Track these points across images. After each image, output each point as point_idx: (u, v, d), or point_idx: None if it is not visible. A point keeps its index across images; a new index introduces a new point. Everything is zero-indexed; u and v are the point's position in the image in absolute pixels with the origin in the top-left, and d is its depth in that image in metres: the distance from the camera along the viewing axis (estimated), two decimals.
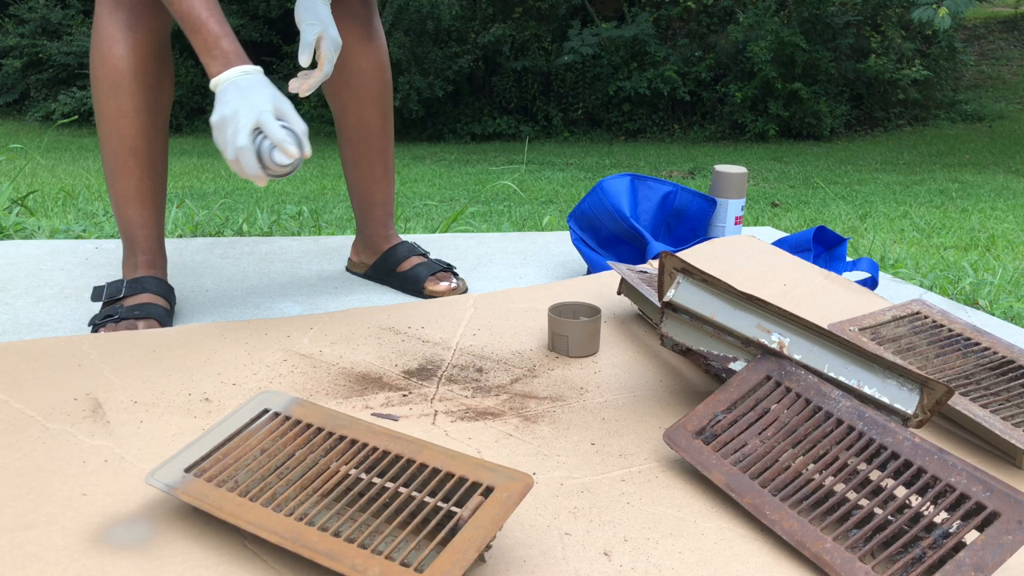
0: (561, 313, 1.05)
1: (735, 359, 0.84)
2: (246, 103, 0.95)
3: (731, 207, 1.52)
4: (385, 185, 1.38)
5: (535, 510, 0.70)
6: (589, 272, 1.49)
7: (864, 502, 0.68)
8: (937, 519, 0.65)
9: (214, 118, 0.96)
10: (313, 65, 1.20)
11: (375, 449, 0.67)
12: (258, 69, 0.99)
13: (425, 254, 1.39)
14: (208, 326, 1.04)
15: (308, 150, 0.96)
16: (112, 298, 1.12)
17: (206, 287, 1.33)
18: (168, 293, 1.17)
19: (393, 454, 0.66)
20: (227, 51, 0.97)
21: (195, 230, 1.95)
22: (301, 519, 0.61)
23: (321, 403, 0.86)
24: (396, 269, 1.36)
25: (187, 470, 0.66)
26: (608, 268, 1.39)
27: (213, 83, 0.97)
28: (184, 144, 7.63)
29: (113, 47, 1.09)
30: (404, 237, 1.51)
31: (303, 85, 1.12)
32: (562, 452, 0.80)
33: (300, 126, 0.96)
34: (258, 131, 0.94)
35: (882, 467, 0.69)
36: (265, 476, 0.66)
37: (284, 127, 0.95)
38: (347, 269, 1.46)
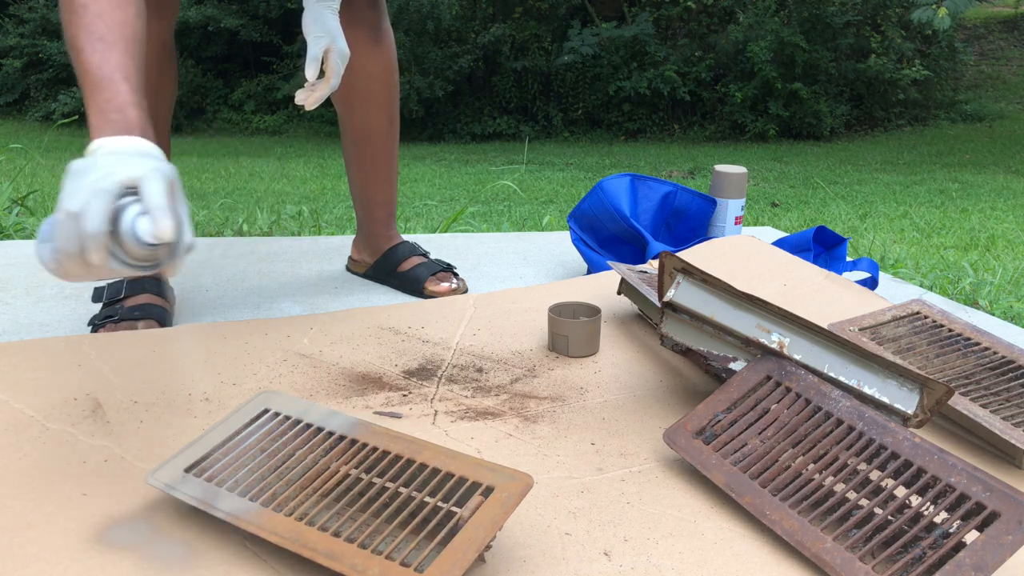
0: (561, 313, 1.05)
1: (735, 359, 0.84)
2: (123, 163, 0.68)
3: (731, 207, 1.52)
4: (388, 186, 1.38)
5: (535, 510, 0.70)
6: (589, 272, 1.49)
7: (864, 502, 0.68)
8: (937, 519, 0.65)
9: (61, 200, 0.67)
10: (320, 75, 1.19)
11: (375, 449, 0.67)
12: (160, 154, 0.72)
13: (425, 254, 1.39)
14: (208, 326, 1.04)
15: (190, 237, 0.69)
16: (112, 299, 1.12)
17: (206, 287, 1.33)
18: (168, 293, 1.17)
19: (393, 454, 0.66)
20: (131, 119, 0.73)
21: (195, 230, 1.95)
22: (301, 519, 0.61)
23: (321, 403, 0.86)
24: (396, 269, 1.36)
25: (187, 470, 0.66)
26: (608, 268, 1.39)
27: (94, 145, 0.71)
28: (184, 144, 7.63)
29: None
30: (404, 237, 1.51)
31: (309, 97, 1.12)
32: (562, 452, 0.80)
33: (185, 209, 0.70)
34: (130, 194, 0.67)
35: (882, 467, 0.69)
36: (265, 476, 0.66)
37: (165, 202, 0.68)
38: (347, 268, 1.46)
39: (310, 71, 1.09)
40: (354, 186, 1.39)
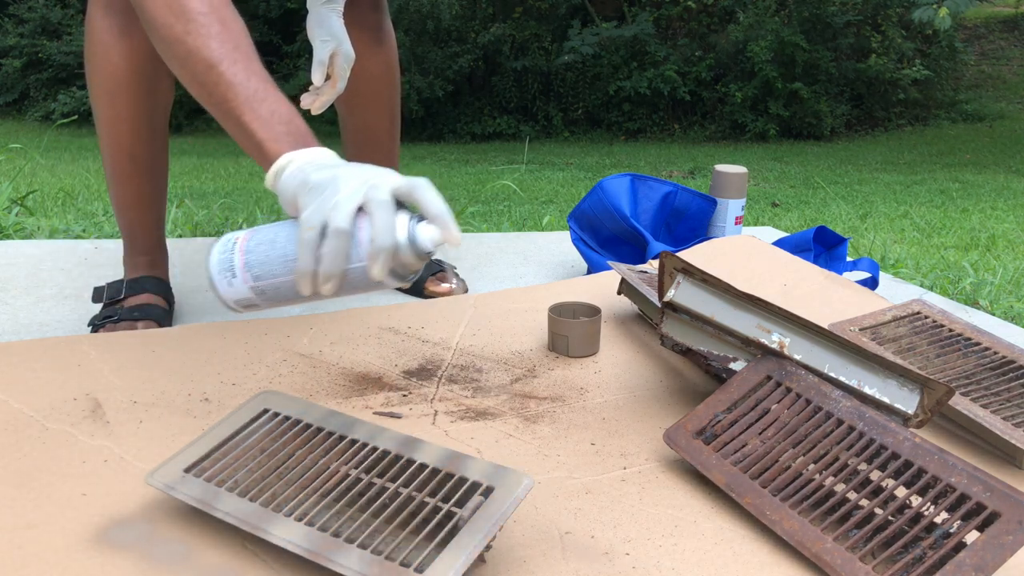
0: (561, 313, 1.05)
1: (735, 359, 0.84)
2: (375, 174, 0.67)
3: (731, 207, 1.52)
4: None
5: (535, 510, 0.70)
6: (589, 272, 1.49)
7: (864, 502, 0.68)
8: (937, 519, 0.65)
9: (312, 182, 0.66)
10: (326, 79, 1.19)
11: (375, 449, 0.67)
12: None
13: None
14: (208, 326, 1.03)
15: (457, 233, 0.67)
16: (112, 299, 1.12)
17: (206, 287, 1.33)
18: (168, 293, 1.17)
19: (393, 454, 0.66)
20: (302, 129, 0.71)
21: (195, 230, 1.95)
22: (301, 519, 0.61)
23: (321, 403, 0.86)
24: None
25: (187, 470, 0.66)
26: (608, 268, 1.39)
27: (284, 161, 0.68)
28: (184, 144, 7.63)
29: (108, 53, 1.04)
30: None
31: (316, 101, 1.11)
32: (562, 452, 0.79)
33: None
34: (399, 206, 0.66)
35: (882, 467, 0.69)
36: (265, 476, 0.66)
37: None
38: None
39: (317, 76, 1.08)
40: None
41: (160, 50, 0.77)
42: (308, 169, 0.66)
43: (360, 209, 0.65)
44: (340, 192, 0.64)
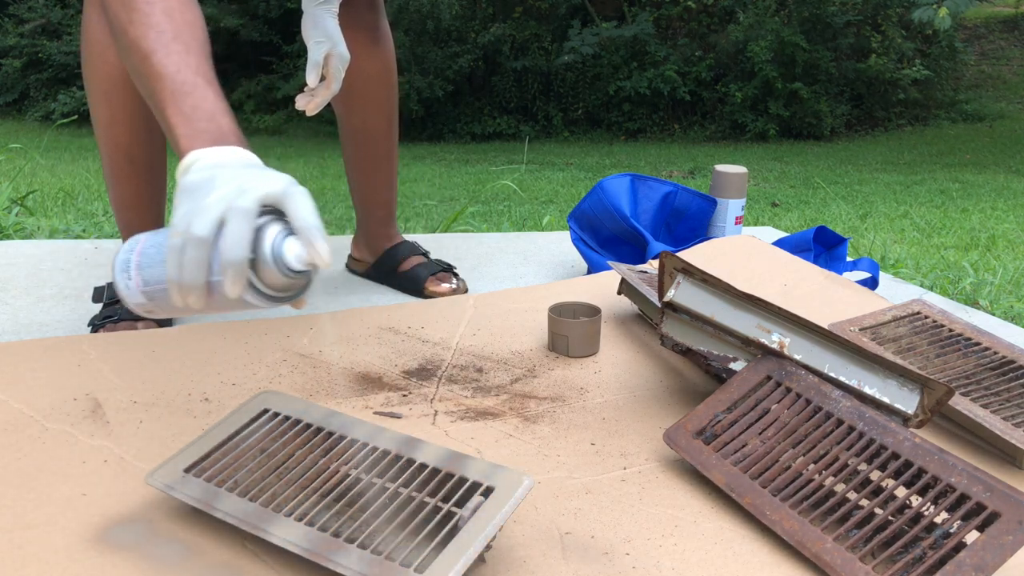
0: (561, 313, 1.05)
1: (735, 359, 0.84)
2: (253, 177, 0.61)
3: (731, 207, 1.52)
4: (388, 187, 1.37)
5: (535, 510, 0.70)
6: (589, 272, 1.49)
7: (864, 502, 0.68)
8: (937, 519, 0.65)
9: (180, 209, 0.60)
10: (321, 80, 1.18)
11: (375, 449, 0.67)
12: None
13: (426, 254, 1.38)
14: (208, 326, 1.03)
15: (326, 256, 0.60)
16: (112, 299, 1.12)
17: None
18: None
19: (393, 454, 0.66)
20: (224, 128, 0.67)
21: None
22: (301, 519, 0.61)
23: (321, 403, 0.86)
24: (397, 269, 1.36)
25: (187, 470, 0.66)
26: (608, 268, 1.39)
27: (191, 158, 0.63)
28: None
29: (104, 53, 1.03)
30: (405, 237, 1.51)
31: (311, 103, 1.11)
32: (562, 452, 0.79)
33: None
34: (265, 213, 0.60)
35: (882, 467, 0.69)
36: (265, 476, 0.66)
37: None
38: (347, 267, 1.46)
39: (311, 77, 1.08)
40: (353, 186, 1.39)
41: (115, 43, 0.75)
42: (210, 169, 0.61)
43: None
44: (209, 196, 0.59)
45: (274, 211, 0.61)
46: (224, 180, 0.60)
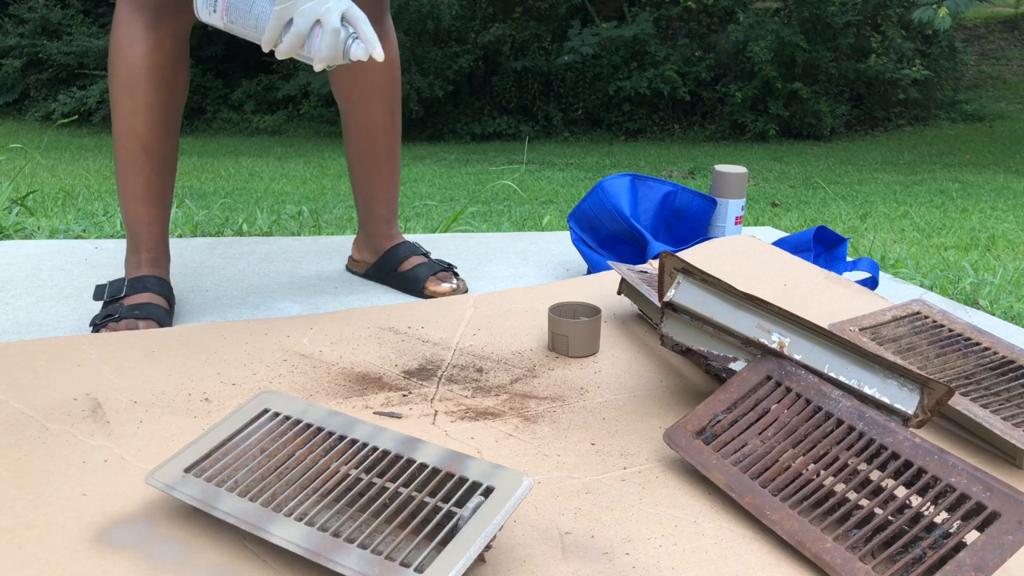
0: (561, 313, 1.05)
1: (735, 359, 0.84)
2: None
3: (731, 207, 1.52)
4: (390, 184, 1.37)
5: (535, 510, 0.70)
6: (589, 272, 1.49)
7: (864, 502, 0.68)
8: (937, 519, 0.65)
9: None
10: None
11: (375, 449, 0.67)
12: None
13: (426, 254, 1.38)
14: (208, 326, 1.04)
15: (380, 53, 0.95)
16: (113, 297, 1.12)
17: (206, 287, 1.33)
18: (169, 293, 1.17)
19: (393, 454, 0.66)
20: None
21: (195, 230, 1.95)
22: (301, 519, 0.61)
23: (321, 403, 0.86)
24: (397, 269, 1.36)
25: (187, 470, 0.66)
26: (608, 268, 1.39)
27: None
28: (184, 144, 7.63)
29: (133, 46, 1.10)
30: (405, 237, 1.50)
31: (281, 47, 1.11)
32: (562, 452, 0.79)
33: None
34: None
35: (882, 467, 0.69)
36: (265, 476, 0.66)
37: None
38: (347, 268, 1.46)
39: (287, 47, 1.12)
40: (356, 183, 1.39)
41: None
42: None
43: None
44: (321, 4, 0.92)
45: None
46: None
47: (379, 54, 0.93)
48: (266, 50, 0.97)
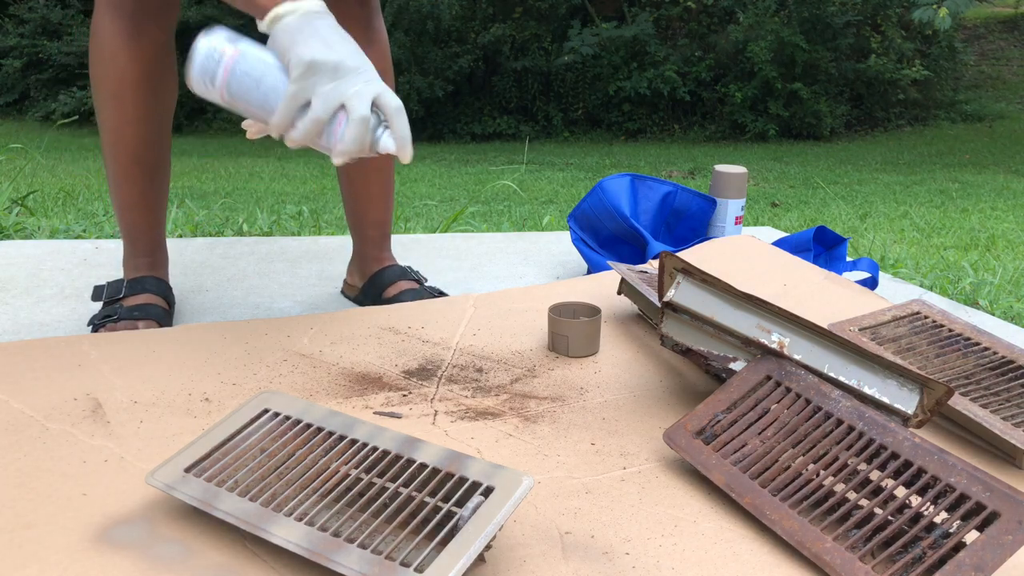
0: (561, 313, 1.05)
1: (735, 359, 0.84)
2: (363, 60, 0.80)
3: (731, 207, 1.52)
4: (382, 204, 1.27)
5: (535, 510, 0.70)
6: (589, 272, 1.49)
7: (864, 502, 0.68)
8: (937, 519, 0.65)
9: (309, 54, 0.77)
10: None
11: (375, 449, 0.67)
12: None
13: (420, 280, 1.28)
14: (208, 326, 1.04)
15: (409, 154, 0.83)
16: (112, 298, 1.12)
17: (206, 287, 1.33)
18: (168, 293, 1.17)
19: (393, 454, 0.66)
20: None
21: (195, 230, 1.95)
22: (301, 519, 0.61)
23: (321, 403, 0.86)
24: (382, 294, 1.25)
25: (187, 470, 0.66)
26: (608, 268, 1.39)
27: (284, 8, 0.78)
28: (184, 144, 7.63)
29: (116, 56, 1.04)
30: (405, 238, 1.49)
31: (254, 127, 1.04)
32: (562, 452, 0.80)
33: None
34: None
35: (882, 467, 0.69)
36: (265, 476, 0.66)
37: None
38: (342, 292, 1.36)
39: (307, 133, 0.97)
40: (347, 203, 1.29)
41: None
42: (309, 27, 0.79)
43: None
44: (326, 84, 0.78)
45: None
46: (348, 68, 0.79)
47: (407, 157, 0.82)
48: (275, 136, 0.81)
